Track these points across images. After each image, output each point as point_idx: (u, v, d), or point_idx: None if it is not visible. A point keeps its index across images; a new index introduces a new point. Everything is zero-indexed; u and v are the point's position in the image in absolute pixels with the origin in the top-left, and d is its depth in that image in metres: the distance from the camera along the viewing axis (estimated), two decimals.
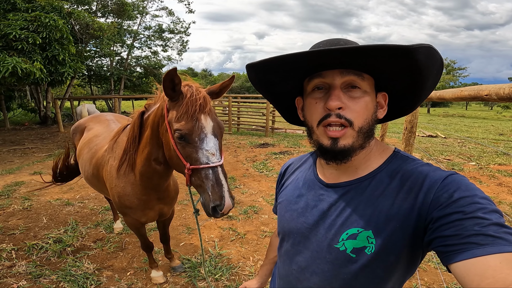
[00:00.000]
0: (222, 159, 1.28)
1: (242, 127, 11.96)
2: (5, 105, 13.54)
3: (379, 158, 0.68)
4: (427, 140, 10.19)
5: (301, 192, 0.77)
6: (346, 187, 0.68)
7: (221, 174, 1.25)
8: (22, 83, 8.43)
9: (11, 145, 8.92)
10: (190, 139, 1.26)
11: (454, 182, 0.55)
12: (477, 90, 1.37)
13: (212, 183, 1.22)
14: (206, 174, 1.24)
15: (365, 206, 0.63)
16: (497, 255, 0.44)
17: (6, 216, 3.50)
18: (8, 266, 2.53)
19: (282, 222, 0.81)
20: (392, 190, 0.62)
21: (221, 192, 1.22)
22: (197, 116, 1.26)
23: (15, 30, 7.33)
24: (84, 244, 2.95)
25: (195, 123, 1.25)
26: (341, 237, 0.64)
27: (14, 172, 5.72)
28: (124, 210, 1.89)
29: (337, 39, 0.67)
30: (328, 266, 0.66)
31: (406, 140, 3.10)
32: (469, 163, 6.63)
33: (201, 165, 1.24)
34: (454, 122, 19.75)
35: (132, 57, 18.14)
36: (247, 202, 4.14)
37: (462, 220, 0.49)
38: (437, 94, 2.14)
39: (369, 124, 0.65)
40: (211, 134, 1.28)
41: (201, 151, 1.25)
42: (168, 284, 2.37)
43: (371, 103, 0.65)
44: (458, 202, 0.52)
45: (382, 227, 0.60)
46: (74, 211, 3.78)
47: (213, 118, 1.31)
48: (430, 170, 0.60)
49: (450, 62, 41.20)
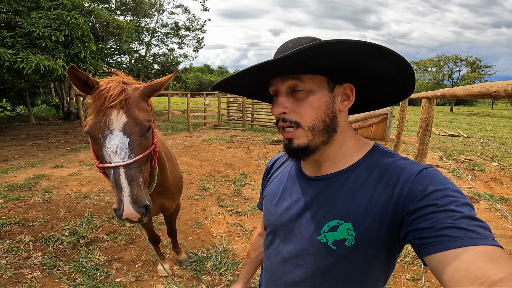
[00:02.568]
0: (132, 160, 1.12)
1: (256, 124, 11.98)
2: (30, 101, 14.22)
3: (359, 152, 0.69)
4: (448, 140, 9.81)
5: (285, 186, 0.79)
6: (327, 180, 0.69)
7: (123, 175, 1.10)
8: (46, 80, 8.80)
9: (35, 139, 9.38)
10: (94, 136, 1.14)
11: (428, 175, 0.57)
12: (486, 87, 1.33)
13: (113, 185, 1.11)
14: (109, 174, 1.13)
15: (345, 198, 0.65)
16: (469, 248, 0.46)
17: (27, 208, 3.69)
18: (25, 257, 2.66)
19: (267, 215, 0.83)
20: (370, 183, 0.63)
21: (120, 196, 1.10)
22: (105, 110, 1.13)
23: (39, 28, 7.64)
24: (98, 236, 3.07)
25: (101, 119, 1.13)
26: (322, 229, 0.66)
27: (37, 165, 6.00)
28: None
29: (287, 42, 0.68)
30: (311, 258, 0.68)
31: (421, 138, 3.01)
32: (491, 163, 6.34)
33: (104, 164, 1.13)
34: (478, 121, 18.89)
35: (150, 54, 18.52)
36: (257, 199, 4.15)
37: (436, 213, 0.51)
38: (449, 91, 2.07)
39: (322, 121, 0.66)
40: (119, 130, 1.13)
41: (104, 148, 1.12)
42: (174, 277, 2.43)
43: (320, 100, 0.65)
44: (432, 195, 0.53)
45: (361, 219, 0.61)
46: (90, 204, 3.93)
47: (129, 113, 1.16)
48: (406, 164, 0.62)
49: (476, 60, 39.32)
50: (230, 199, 4.14)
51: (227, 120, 12.88)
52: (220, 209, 3.82)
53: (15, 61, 7.02)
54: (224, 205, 3.93)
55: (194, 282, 2.40)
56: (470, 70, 39.34)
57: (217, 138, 9.14)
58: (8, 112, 15.13)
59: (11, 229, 3.14)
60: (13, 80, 8.48)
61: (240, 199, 4.15)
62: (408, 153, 6.91)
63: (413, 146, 3.32)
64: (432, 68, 42.45)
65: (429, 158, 6.49)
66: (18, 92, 13.30)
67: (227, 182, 4.94)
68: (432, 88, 37.89)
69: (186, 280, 2.41)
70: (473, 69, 38.98)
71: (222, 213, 3.70)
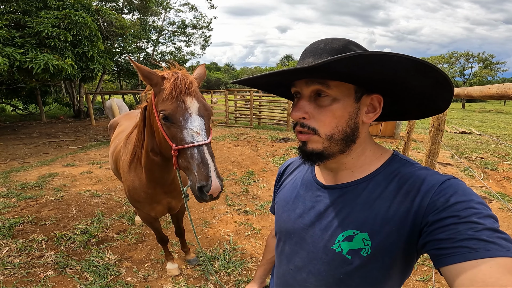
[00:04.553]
0: (209, 139, 1.28)
1: (263, 121, 11.95)
2: (42, 100, 14.48)
3: (377, 162, 0.68)
4: (459, 137, 9.62)
5: (298, 192, 0.78)
6: (343, 189, 0.68)
7: (207, 153, 1.23)
8: (55, 79, 8.93)
9: (47, 137, 9.55)
10: (174, 119, 1.27)
11: (451, 186, 0.56)
12: (504, 89, 1.30)
13: (197, 163, 1.21)
14: (192, 153, 1.23)
15: (361, 208, 0.64)
16: (488, 260, 0.45)
17: (39, 207, 3.77)
18: (38, 256, 2.72)
19: (279, 222, 0.82)
20: (389, 193, 0.62)
21: (207, 172, 1.20)
22: (181, 97, 1.28)
23: (47, 28, 7.74)
24: (108, 235, 3.11)
25: (179, 104, 1.27)
26: (337, 239, 0.65)
27: (48, 163, 6.12)
28: (135, 204, 1.98)
29: (318, 42, 0.65)
30: (324, 266, 0.67)
31: (433, 138, 2.95)
32: (504, 162, 6.19)
33: (186, 144, 1.24)
34: (490, 118, 18.44)
35: (158, 52, 18.63)
36: (265, 197, 4.15)
37: (456, 224, 0.50)
38: (464, 91, 2.01)
39: (342, 131, 0.63)
40: (196, 114, 1.29)
41: (186, 130, 1.25)
42: (182, 277, 2.45)
43: (344, 109, 0.63)
44: (454, 207, 0.52)
45: (378, 229, 0.60)
46: (101, 202, 3.99)
47: (199, 100, 1.33)
48: (428, 174, 0.60)
49: (488, 56, 38.44)
50: (238, 198, 4.15)
51: (234, 118, 12.89)
52: (228, 208, 3.83)
53: (25, 61, 7.14)
54: (232, 204, 3.94)
55: (202, 281, 2.41)
56: (482, 66, 38.47)
57: (225, 136, 9.15)
58: (20, 111, 15.46)
59: (24, 228, 3.21)
60: (24, 79, 8.64)
61: (248, 198, 4.15)
62: (419, 151, 6.80)
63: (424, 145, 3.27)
64: (443, 64, 41.65)
65: (440, 156, 6.37)
66: (30, 91, 13.57)
67: (234, 180, 4.94)
68: None
69: (194, 279, 2.43)
70: (485, 66, 38.14)
71: (230, 212, 3.71)
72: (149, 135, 1.59)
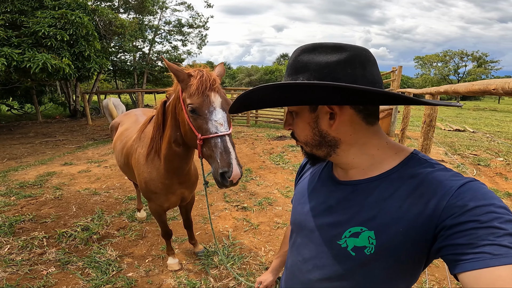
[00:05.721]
0: (230, 130, 1.44)
1: (260, 120, 12.01)
2: (37, 99, 14.40)
3: (391, 160, 0.67)
4: (453, 135, 9.76)
5: (315, 186, 0.80)
6: (355, 185, 0.69)
7: (229, 142, 1.39)
8: (52, 79, 8.92)
9: (43, 137, 9.53)
10: (201, 112, 1.43)
11: (470, 190, 0.54)
12: (485, 85, 1.38)
13: (220, 151, 1.37)
14: (215, 142, 1.39)
15: (371, 206, 0.64)
16: (509, 266, 0.44)
17: (39, 205, 3.80)
18: (39, 254, 2.75)
19: (294, 214, 0.85)
20: (402, 193, 0.61)
21: (229, 159, 1.35)
22: (207, 93, 1.44)
23: (44, 28, 7.73)
24: (109, 232, 3.16)
25: (205, 98, 1.43)
26: (344, 234, 0.66)
27: (46, 163, 6.13)
28: (150, 195, 2.06)
29: None
30: (329, 261, 0.69)
31: (425, 134, 3.03)
32: (496, 158, 6.32)
33: (210, 134, 1.40)
34: (484, 116, 18.68)
35: (154, 51, 18.59)
36: (262, 194, 4.22)
37: (476, 229, 0.48)
38: (452, 88, 2.10)
39: (312, 139, 0.70)
40: (220, 107, 1.45)
41: (211, 122, 1.42)
42: (182, 271, 2.51)
43: (303, 121, 0.70)
44: (473, 211, 0.50)
45: (385, 229, 0.60)
46: (100, 200, 4.03)
47: (221, 95, 1.49)
48: (446, 176, 0.59)
49: (482, 55, 38.77)
50: (236, 195, 4.21)
51: (231, 117, 12.89)
52: (226, 204, 3.89)
53: (22, 61, 7.12)
54: (230, 200, 4.00)
55: (203, 275, 2.47)
56: (476, 65, 38.80)
57: None
58: (16, 111, 15.36)
59: (24, 225, 3.24)
60: (20, 79, 8.61)
61: (246, 195, 4.21)
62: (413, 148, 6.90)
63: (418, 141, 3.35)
64: (438, 63, 41.93)
65: (434, 153, 6.48)
66: (25, 90, 13.49)
67: None
68: (438, 83, 37.39)
69: (194, 274, 2.49)
70: (479, 64, 38.47)
71: (228, 208, 3.77)
72: (172, 127, 1.73)
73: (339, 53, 0.61)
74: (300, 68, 0.63)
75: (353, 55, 0.61)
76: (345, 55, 0.60)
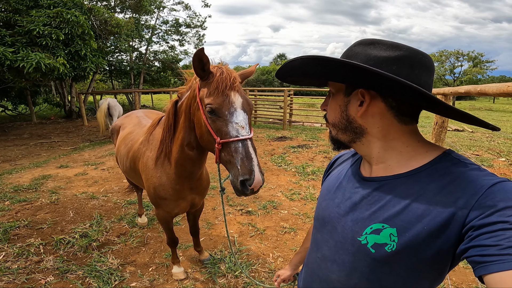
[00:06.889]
0: (252, 133, 1.30)
1: (259, 120, 11.90)
2: (32, 100, 14.14)
3: (420, 159, 0.65)
4: (453, 135, 9.75)
5: (341, 183, 0.79)
6: (381, 182, 0.68)
7: (251, 147, 1.25)
8: (47, 78, 8.72)
9: (38, 138, 9.32)
10: (220, 113, 1.29)
11: (502, 190, 0.52)
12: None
13: (241, 157, 1.23)
14: (236, 147, 1.25)
15: (395, 203, 0.62)
16: None
17: (34, 210, 3.64)
18: (36, 261, 2.61)
19: (318, 210, 0.84)
20: (429, 191, 0.59)
21: (251, 166, 1.21)
22: (227, 92, 1.30)
23: (38, 27, 7.54)
24: (109, 239, 3.02)
25: (225, 98, 1.29)
26: (365, 231, 0.65)
27: (41, 165, 5.96)
28: (158, 201, 1.93)
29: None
30: (349, 257, 0.68)
31: (437, 135, 2.94)
32: (498, 158, 6.28)
33: (230, 138, 1.25)
34: (481, 116, 18.79)
35: (151, 51, 18.39)
36: (266, 197, 4.11)
37: (504, 230, 0.47)
38: (477, 88, 1.99)
39: (339, 122, 0.71)
40: (241, 108, 1.31)
41: (231, 124, 1.27)
42: (188, 280, 2.39)
43: (336, 103, 0.72)
44: (503, 212, 0.49)
45: (408, 226, 0.59)
46: (98, 204, 3.89)
47: (242, 95, 1.35)
48: (478, 175, 0.57)
49: (478, 55, 39.08)
50: (239, 198, 4.09)
51: None
52: (230, 208, 3.77)
53: (16, 60, 6.93)
54: (234, 204, 3.89)
55: (210, 285, 2.35)
56: (472, 65, 39.11)
57: None
58: (10, 112, 15.07)
59: (20, 232, 3.10)
60: (14, 79, 8.40)
61: (250, 198, 4.09)
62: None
63: None
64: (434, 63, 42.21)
65: None
66: (19, 91, 13.24)
67: None
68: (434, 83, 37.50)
69: (201, 283, 2.37)
70: (475, 64, 38.78)
71: (232, 212, 3.65)
72: (186, 129, 1.59)
73: (393, 51, 0.61)
74: (350, 57, 0.65)
75: (405, 55, 0.60)
76: (397, 53, 0.61)
